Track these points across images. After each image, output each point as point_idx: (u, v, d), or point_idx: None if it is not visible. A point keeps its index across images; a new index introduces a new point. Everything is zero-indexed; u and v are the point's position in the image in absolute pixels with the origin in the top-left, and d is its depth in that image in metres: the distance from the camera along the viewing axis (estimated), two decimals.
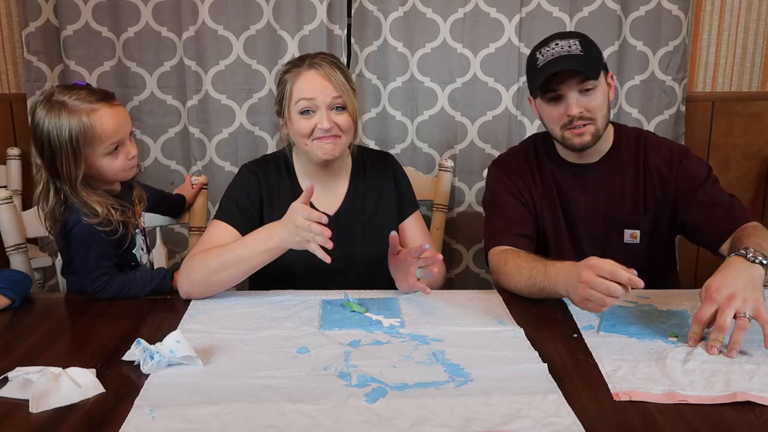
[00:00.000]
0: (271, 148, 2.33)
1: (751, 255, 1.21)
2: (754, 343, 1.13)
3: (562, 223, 1.58)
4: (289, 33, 2.24)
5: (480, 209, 2.39)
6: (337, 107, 1.46)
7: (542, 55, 1.44)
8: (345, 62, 2.28)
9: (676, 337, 1.19)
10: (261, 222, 1.51)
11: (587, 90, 1.44)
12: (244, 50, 2.25)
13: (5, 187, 2.27)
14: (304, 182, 1.56)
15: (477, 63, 2.28)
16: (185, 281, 1.37)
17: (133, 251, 1.48)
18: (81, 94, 1.32)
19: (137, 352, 1.07)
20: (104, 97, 1.34)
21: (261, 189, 1.54)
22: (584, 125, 1.45)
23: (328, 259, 1.24)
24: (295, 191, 1.54)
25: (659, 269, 1.58)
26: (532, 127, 2.34)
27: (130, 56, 2.27)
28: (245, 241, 1.37)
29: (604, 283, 1.15)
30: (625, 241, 1.56)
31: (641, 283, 1.13)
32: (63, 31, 2.22)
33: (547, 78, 1.42)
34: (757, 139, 2.49)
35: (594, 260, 1.19)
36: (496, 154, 2.35)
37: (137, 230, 1.49)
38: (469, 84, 2.30)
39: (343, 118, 1.46)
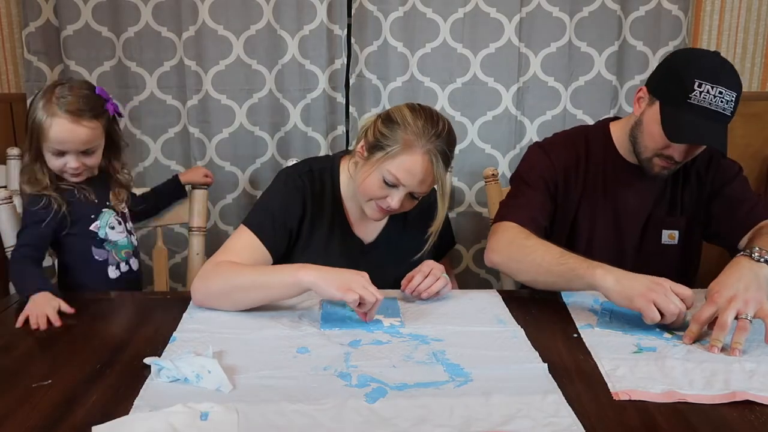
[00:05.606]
0: (271, 148, 2.33)
1: (756, 254, 1.21)
2: (753, 343, 1.14)
3: (603, 218, 1.56)
4: (289, 33, 2.24)
5: (480, 209, 2.39)
6: (417, 197, 1.42)
7: (702, 91, 1.32)
8: (345, 63, 2.29)
9: (672, 334, 1.19)
10: (290, 240, 1.45)
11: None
12: (244, 50, 2.26)
13: (5, 187, 2.26)
14: (348, 206, 1.50)
15: (477, 63, 2.28)
16: (201, 289, 1.30)
17: (91, 227, 1.54)
18: (69, 98, 1.44)
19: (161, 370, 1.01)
20: (78, 110, 1.44)
21: (305, 208, 1.45)
22: (674, 165, 1.44)
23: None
24: (335, 217, 1.48)
25: (689, 273, 1.59)
26: (532, 128, 2.34)
27: (130, 56, 2.27)
28: (274, 269, 1.31)
29: (675, 302, 1.16)
30: (663, 242, 1.55)
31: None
32: (63, 31, 2.22)
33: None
34: (757, 139, 2.50)
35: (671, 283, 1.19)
36: (496, 154, 2.37)
37: (105, 209, 1.56)
38: (469, 84, 2.30)
39: (412, 204, 1.43)
